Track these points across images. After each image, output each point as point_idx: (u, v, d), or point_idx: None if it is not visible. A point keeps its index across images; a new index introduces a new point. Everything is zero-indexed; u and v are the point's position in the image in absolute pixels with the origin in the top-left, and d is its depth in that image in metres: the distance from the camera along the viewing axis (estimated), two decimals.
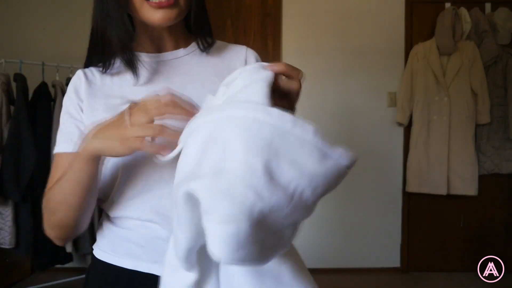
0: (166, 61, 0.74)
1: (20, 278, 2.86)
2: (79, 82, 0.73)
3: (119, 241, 0.70)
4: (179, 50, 0.76)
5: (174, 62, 0.75)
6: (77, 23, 2.98)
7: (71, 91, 0.73)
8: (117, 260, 0.70)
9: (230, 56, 0.78)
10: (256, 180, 0.38)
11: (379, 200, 3.09)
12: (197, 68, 0.75)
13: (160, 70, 0.74)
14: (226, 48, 0.79)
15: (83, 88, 0.72)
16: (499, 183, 3.07)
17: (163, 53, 0.75)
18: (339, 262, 3.07)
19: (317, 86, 2.99)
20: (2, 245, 2.13)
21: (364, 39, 3.04)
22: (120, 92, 0.72)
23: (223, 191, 0.37)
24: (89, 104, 0.71)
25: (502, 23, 2.92)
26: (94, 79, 0.74)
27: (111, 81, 0.73)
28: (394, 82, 3.07)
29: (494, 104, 2.92)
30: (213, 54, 0.77)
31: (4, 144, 2.11)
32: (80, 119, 0.71)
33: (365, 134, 3.06)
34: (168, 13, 0.65)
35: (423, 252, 3.12)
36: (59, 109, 2.20)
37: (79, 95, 0.72)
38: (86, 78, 0.74)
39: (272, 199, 0.38)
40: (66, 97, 0.74)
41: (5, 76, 2.14)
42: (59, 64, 2.40)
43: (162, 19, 0.66)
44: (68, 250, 2.26)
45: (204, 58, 0.76)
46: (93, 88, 0.73)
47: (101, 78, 0.74)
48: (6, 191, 2.07)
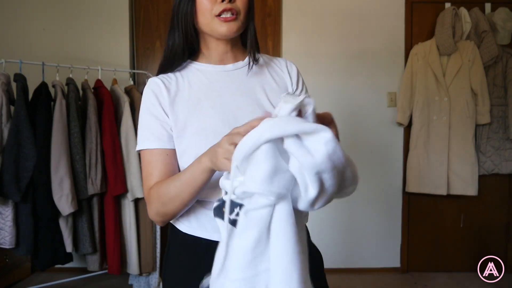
0: (229, 72, 0.92)
1: (20, 278, 2.86)
2: (158, 89, 0.88)
3: (205, 219, 0.86)
4: (238, 62, 0.94)
5: (235, 72, 0.92)
6: (77, 23, 2.99)
7: (152, 96, 0.87)
8: (205, 233, 0.86)
9: (275, 69, 0.97)
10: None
11: (379, 200, 3.09)
12: (252, 78, 0.92)
13: (223, 78, 0.91)
14: (271, 61, 0.99)
15: (165, 94, 0.87)
16: (499, 183, 3.07)
17: (226, 65, 0.93)
18: (339, 262, 3.07)
19: (317, 86, 2.99)
20: (2, 245, 2.13)
21: (364, 39, 3.04)
22: (193, 91, 0.88)
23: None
24: (172, 107, 0.86)
25: (502, 23, 2.92)
26: (171, 84, 0.89)
27: (183, 82, 0.90)
28: (394, 82, 3.07)
29: (494, 104, 2.92)
30: (261, 66, 0.96)
31: (4, 144, 2.11)
32: (164, 119, 0.86)
33: (365, 134, 3.06)
34: (231, 26, 0.84)
35: (423, 252, 3.12)
36: (59, 109, 2.21)
37: (161, 100, 0.87)
38: (164, 85, 0.88)
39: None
40: (147, 101, 0.88)
41: (5, 76, 2.14)
42: (59, 64, 2.39)
43: (227, 31, 0.84)
44: (68, 250, 2.26)
45: (255, 69, 0.94)
46: (171, 93, 0.88)
47: (176, 83, 0.90)
48: (6, 191, 2.07)
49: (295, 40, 3.04)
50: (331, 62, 3.04)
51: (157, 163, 0.84)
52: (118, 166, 2.37)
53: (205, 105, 0.87)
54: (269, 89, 0.92)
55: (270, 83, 0.93)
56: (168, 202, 0.80)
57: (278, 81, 0.95)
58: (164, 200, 0.80)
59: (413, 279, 3.00)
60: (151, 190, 0.83)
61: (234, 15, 0.83)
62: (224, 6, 0.82)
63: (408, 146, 3.03)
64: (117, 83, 2.59)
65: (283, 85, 0.95)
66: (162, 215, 0.84)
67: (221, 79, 0.91)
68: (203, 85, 0.89)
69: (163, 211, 0.82)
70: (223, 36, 0.86)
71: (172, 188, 0.78)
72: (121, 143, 2.42)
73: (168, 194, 0.79)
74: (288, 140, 0.55)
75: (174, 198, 0.79)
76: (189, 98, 0.88)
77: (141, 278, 2.59)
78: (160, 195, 0.81)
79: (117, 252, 2.40)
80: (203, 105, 0.87)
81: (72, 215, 2.27)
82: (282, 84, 0.95)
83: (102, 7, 2.99)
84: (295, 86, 0.97)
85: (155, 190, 0.82)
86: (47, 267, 2.24)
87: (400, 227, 3.11)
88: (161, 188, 0.81)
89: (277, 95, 0.91)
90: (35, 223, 2.16)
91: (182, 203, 0.80)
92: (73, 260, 2.39)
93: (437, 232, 3.11)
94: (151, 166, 0.85)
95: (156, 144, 0.85)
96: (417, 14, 3.05)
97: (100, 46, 2.98)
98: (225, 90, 0.89)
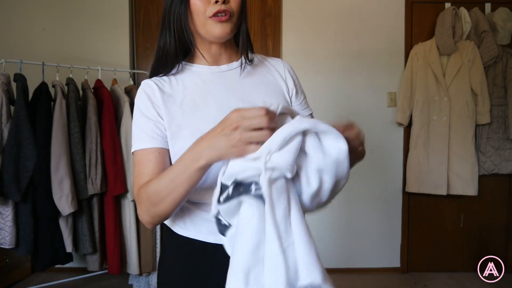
0: (223, 72, 0.91)
1: (20, 278, 2.86)
2: (151, 90, 0.87)
3: (200, 221, 0.85)
4: (232, 63, 0.93)
5: (229, 73, 0.92)
6: (77, 23, 2.99)
7: (145, 98, 0.86)
8: (199, 236, 0.85)
9: (270, 68, 0.97)
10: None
11: (379, 200, 3.09)
12: (246, 78, 0.92)
13: (217, 79, 0.90)
14: (267, 60, 0.99)
15: (158, 95, 0.86)
16: (499, 183, 3.07)
17: (220, 65, 0.92)
18: (339, 262, 3.07)
19: (316, 86, 2.99)
20: (2, 245, 2.13)
21: (364, 39, 3.04)
22: (188, 93, 0.87)
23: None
24: (166, 108, 0.85)
25: (502, 23, 2.92)
26: (164, 86, 0.88)
27: (177, 84, 0.89)
28: (394, 82, 3.07)
29: (494, 104, 2.92)
30: (256, 66, 0.95)
31: (4, 144, 2.11)
32: (157, 120, 0.84)
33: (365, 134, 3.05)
34: (225, 27, 0.83)
35: (423, 252, 3.12)
36: (59, 109, 2.21)
37: (154, 101, 0.86)
38: (157, 86, 0.87)
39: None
40: (140, 103, 0.87)
41: (5, 76, 2.14)
42: (59, 64, 2.40)
43: (221, 33, 0.83)
44: (68, 250, 2.26)
45: (249, 69, 0.93)
46: (165, 94, 0.87)
47: (170, 84, 0.89)
48: (6, 191, 2.07)
49: (295, 40, 3.04)
50: (331, 62, 3.04)
51: (148, 162, 0.82)
52: (118, 166, 2.37)
53: (199, 107, 0.86)
54: (263, 89, 0.91)
55: (264, 83, 0.93)
56: (159, 202, 0.77)
57: (273, 81, 0.94)
58: (155, 201, 0.77)
59: (413, 279, 3.00)
60: (141, 189, 0.81)
61: (227, 16, 0.82)
62: (218, 8, 0.81)
63: (408, 146, 3.03)
64: (117, 83, 2.59)
65: (277, 86, 0.94)
66: (152, 216, 0.81)
67: (215, 80, 0.90)
68: (197, 87, 0.89)
69: (153, 212, 0.79)
70: (217, 39, 0.85)
71: (163, 188, 0.75)
72: (121, 143, 2.42)
73: (158, 194, 0.76)
74: (311, 136, 0.64)
75: (166, 198, 0.76)
76: (183, 100, 0.87)
77: (141, 278, 2.59)
78: (150, 196, 0.78)
79: (117, 252, 2.40)
80: (197, 107, 0.86)
81: (72, 215, 2.27)
82: (276, 84, 0.94)
83: (102, 7, 2.99)
84: (293, 88, 0.96)
85: (144, 189, 0.79)
86: (47, 267, 2.24)
87: (400, 227, 3.11)
88: (150, 188, 0.78)
89: (271, 95, 0.91)
90: (35, 223, 2.16)
91: (175, 203, 0.76)
92: (73, 260, 2.39)
93: (437, 232, 3.11)
94: (142, 166, 0.83)
95: (149, 144, 0.83)
96: (417, 14, 3.05)
97: (100, 46, 2.98)
98: (218, 91, 0.88)
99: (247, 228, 0.62)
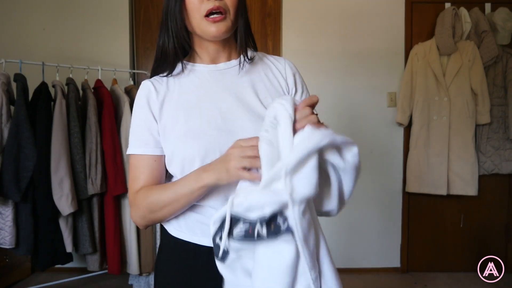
0: (221, 71, 0.90)
1: (20, 278, 2.86)
2: (149, 92, 0.88)
3: (195, 224, 0.85)
4: (231, 61, 0.92)
5: (227, 71, 0.90)
6: (77, 23, 2.99)
7: (143, 100, 0.87)
8: (194, 238, 0.85)
9: (270, 66, 0.95)
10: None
11: (379, 200, 3.09)
12: (244, 76, 0.90)
13: (214, 78, 0.90)
14: (268, 59, 0.97)
15: (154, 97, 0.87)
16: (499, 183, 3.07)
17: (218, 64, 0.91)
18: (339, 262, 3.06)
19: (317, 86, 2.99)
20: (2, 245, 2.13)
21: (364, 39, 3.04)
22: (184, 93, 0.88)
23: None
24: (161, 110, 0.86)
25: (502, 23, 2.92)
26: (161, 87, 0.89)
27: (174, 84, 0.89)
28: (394, 82, 3.07)
29: (494, 104, 2.92)
30: (256, 63, 0.94)
31: (4, 144, 2.11)
32: (152, 124, 0.85)
33: (365, 134, 3.06)
34: (220, 26, 0.82)
35: (423, 252, 3.12)
36: (59, 109, 2.21)
37: (151, 103, 0.87)
38: (154, 87, 0.88)
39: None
40: (137, 105, 0.88)
41: (5, 76, 2.14)
42: (59, 64, 2.40)
43: (216, 32, 0.82)
44: (68, 250, 2.26)
45: (249, 67, 0.92)
46: (162, 95, 0.88)
47: (167, 85, 0.89)
48: (6, 191, 2.07)
49: (295, 40, 3.04)
50: (331, 62, 3.04)
51: (144, 168, 0.85)
52: (118, 166, 2.37)
53: (194, 106, 0.85)
54: (260, 88, 0.90)
55: (262, 81, 0.91)
56: (158, 210, 0.81)
57: (272, 79, 0.92)
58: (154, 208, 0.82)
59: (413, 279, 3.00)
60: (138, 194, 0.84)
61: (222, 14, 0.81)
62: (211, 5, 0.80)
63: (408, 146, 3.03)
64: (117, 83, 2.59)
65: (276, 84, 0.92)
66: (147, 221, 0.85)
67: (213, 79, 0.89)
68: (194, 86, 0.88)
69: (149, 217, 0.84)
70: (213, 38, 0.84)
71: (165, 198, 0.80)
72: (121, 143, 2.42)
73: (159, 203, 0.81)
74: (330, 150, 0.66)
75: (165, 207, 0.81)
76: (178, 100, 0.87)
77: (141, 278, 2.59)
78: (149, 203, 0.82)
79: (117, 252, 2.40)
80: (192, 106, 0.85)
81: (72, 215, 2.27)
82: (275, 83, 0.92)
83: (102, 7, 2.99)
84: (293, 87, 0.94)
85: (143, 196, 0.83)
86: (47, 267, 2.24)
87: (400, 227, 3.11)
88: (151, 196, 0.82)
89: (269, 94, 0.89)
90: (35, 223, 2.16)
91: (173, 213, 0.82)
92: (73, 260, 2.39)
93: (437, 232, 3.11)
94: (138, 171, 0.86)
95: (144, 150, 0.85)
96: (417, 14, 3.05)
97: (100, 46, 2.98)
98: (215, 90, 0.88)
99: (283, 265, 0.61)
